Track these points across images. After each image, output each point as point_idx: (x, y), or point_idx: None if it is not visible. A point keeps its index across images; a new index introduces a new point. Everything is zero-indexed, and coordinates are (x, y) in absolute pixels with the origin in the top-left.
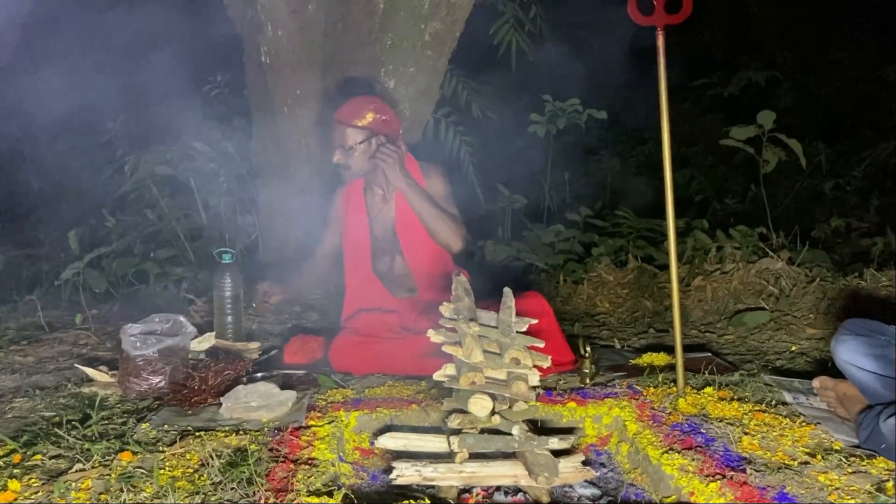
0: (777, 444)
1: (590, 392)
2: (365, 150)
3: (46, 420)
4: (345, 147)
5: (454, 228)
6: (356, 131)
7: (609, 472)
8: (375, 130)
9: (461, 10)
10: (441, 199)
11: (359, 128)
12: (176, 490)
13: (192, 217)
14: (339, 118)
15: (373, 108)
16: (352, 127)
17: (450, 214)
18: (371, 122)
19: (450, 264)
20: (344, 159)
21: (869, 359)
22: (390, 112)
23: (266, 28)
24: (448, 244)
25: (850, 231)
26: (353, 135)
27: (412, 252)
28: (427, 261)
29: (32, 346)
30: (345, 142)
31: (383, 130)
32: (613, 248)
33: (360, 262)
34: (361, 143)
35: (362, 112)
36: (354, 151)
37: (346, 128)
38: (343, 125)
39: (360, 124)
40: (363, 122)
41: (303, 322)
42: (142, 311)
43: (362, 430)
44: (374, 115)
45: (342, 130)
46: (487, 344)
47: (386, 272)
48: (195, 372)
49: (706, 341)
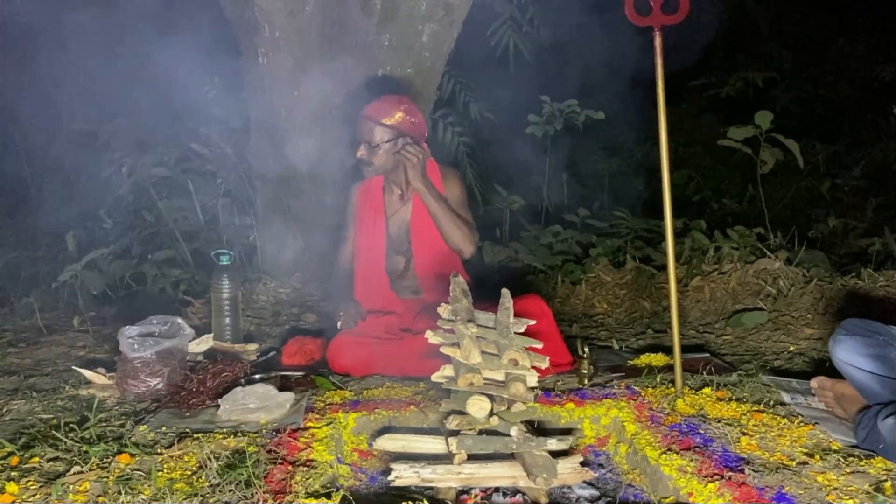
0: (775, 444)
1: (588, 393)
2: (390, 148)
3: (44, 422)
4: (371, 143)
5: (468, 234)
6: (384, 129)
7: (607, 473)
8: (403, 131)
9: (459, 11)
10: (457, 203)
11: (387, 126)
12: (174, 492)
13: (190, 219)
14: (367, 114)
15: (403, 109)
16: (380, 125)
17: (464, 220)
18: (399, 122)
19: (458, 269)
20: (368, 156)
21: (867, 359)
22: (419, 115)
23: (263, 29)
24: (460, 249)
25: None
26: (381, 132)
27: (421, 254)
28: (435, 263)
29: (30, 349)
30: (371, 138)
31: (410, 131)
32: (611, 249)
33: (374, 260)
34: (388, 143)
35: (392, 111)
36: (379, 149)
37: (374, 125)
38: (371, 121)
39: (389, 123)
40: (392, 120)
41: (301, 323)
42: (139, 312)
43: (360, 432)
44: (403, 116)
45: (370, 127)
46: (485, 345)
47: (394, 272)
48: (193, 374)
49: (704, 342)
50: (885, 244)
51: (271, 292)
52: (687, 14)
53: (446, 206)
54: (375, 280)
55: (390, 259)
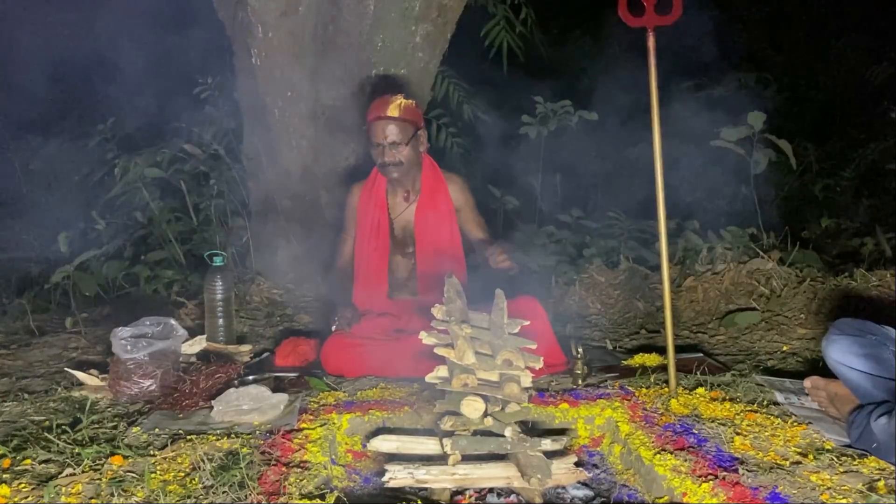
0: (769, 444)
1: (582, 393)
2: (414, 144)
3: (36, 424)
4: (395, 143)
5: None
6: (404, 125)
7: (602, 473)
8: (417, 123)
9: (452, 11)
10: (469, 209)
11: (405, 121)
12: (167, 494)
13: (183, 220)
14: (382, 115)
15: (408, 101)
16: (397, 121)
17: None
18: (412, 114)
19: (459, 271)
20: (394, 156)
21: (860, 358)
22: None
23: (256, 30)
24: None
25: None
26: (402, 128)
27: (425, 255)
28: (437, 264)
29: (22, 350)
30: (395, 137)
31: (419, 122)
32: (605, 250)
33: (378, 261)
34: (413, 138)
35: (403, 105)
36: (405, 147)
37: (392, 123)
38: (388, 121)
39: (406, 117)
40: (407, 114)
41: (294, 324)
42: (132, 314)
43: (354, 433)
44: (412, 107)
45: (389, 127)
46: (480, 346)
47: (396, 273)
48: (186, 375)
49: (698, 342)
50: (878, 244)
51: (265, 293)
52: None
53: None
54: (376, 281)
55: (393, 260)
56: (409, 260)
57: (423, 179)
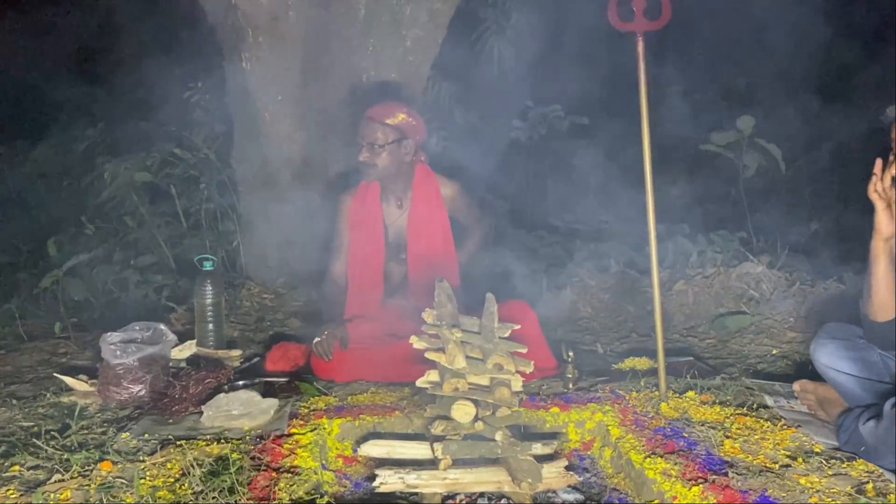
0: (758, 447)
1: (573, 397)
2: (394, 150)
3: (25, 430)
4: (374, 144)
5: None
6: (387, 130)
7: (592, 477)
8: (405, 132)
9: (442, 16)
10: (467, 212)
11: (390, 126)
12: (157, 500)
13: (173, 224)
14: (371, 115)
15: (405, 111)
16: (383, 125)
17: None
18: (402, 122)
19: (452, 276)
20: (371, 158)
21: (848, 362)
22: (419, 119)
23: (247, 34)
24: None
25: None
26: (384, 133)
27: (415, 260)
28: (428, 270)
29: (10, 356)
30: (375, 139)
31: (412, 134)
32: (595, 254)
33: (372, 269)
34: (392, 144)
35: (395, 112)
36: (383, 150)
37: (377, 125)
38: (374, 122)
39: (392, 123)
40: (394, 121)
41: (285, 329)
42: (122, 319)
43: (345, 438)
44: (405, 117)
45: (373, 128)
46: (470, 350)
47: (390, 279)
48: (176, 380)
49: (688, 345)
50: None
51: (255, 298)
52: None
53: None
54: (371, 286)
55: (387, 266)
56: (402, 266)
57: (413, 187)
